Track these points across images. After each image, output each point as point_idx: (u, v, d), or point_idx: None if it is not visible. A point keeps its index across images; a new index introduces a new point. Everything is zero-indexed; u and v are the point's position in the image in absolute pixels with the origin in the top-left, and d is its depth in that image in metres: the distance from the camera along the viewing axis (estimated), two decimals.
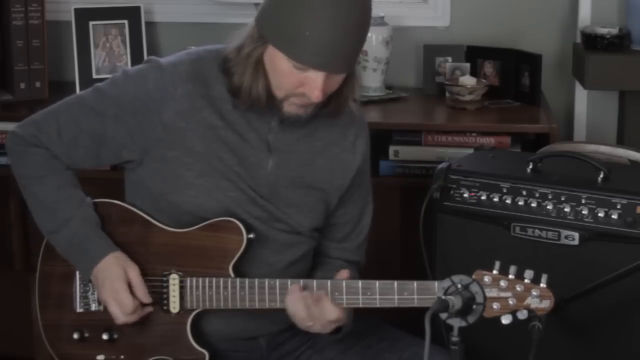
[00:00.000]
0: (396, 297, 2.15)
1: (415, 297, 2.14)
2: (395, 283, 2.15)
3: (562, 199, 2.53)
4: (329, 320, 2.17)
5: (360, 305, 2.18)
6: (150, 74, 2.25)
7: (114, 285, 2.25)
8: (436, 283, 2.12)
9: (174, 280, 2.27)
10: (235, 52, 2.22)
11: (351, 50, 2.16)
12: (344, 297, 2.17)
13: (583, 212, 2.50)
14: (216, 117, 2.25)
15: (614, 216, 2.47)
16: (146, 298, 2.26)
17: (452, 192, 2.64)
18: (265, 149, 2.28)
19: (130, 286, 2.26)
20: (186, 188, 2.25)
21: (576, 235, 2.49)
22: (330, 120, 2.32)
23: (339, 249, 2.41)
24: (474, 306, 2.02)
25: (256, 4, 2.76)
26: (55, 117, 2.31)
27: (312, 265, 2.40)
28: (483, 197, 2.61)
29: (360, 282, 2.17)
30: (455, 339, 1.98)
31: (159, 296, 2.28)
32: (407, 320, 2.25)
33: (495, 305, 2.04)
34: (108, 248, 2.28)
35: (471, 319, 2.01)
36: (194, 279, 2.25)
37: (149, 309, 2.28)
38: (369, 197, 2.44)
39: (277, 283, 2.21)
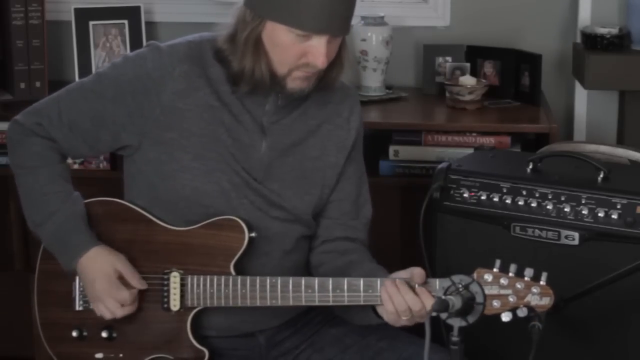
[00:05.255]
0: None
1: None
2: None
3: (562, 199, 2.53)
4: (427, 312, 2.11)
5: (362, 302, 2.18)
6: (149, 55, 2.29)
7: (105, 285, 2.26)
8: (438, 281, 2.13)
9: (174, 278, 2.27)
10: (228, 40, 2.25)
11: (347, 11, 2.21)
12: (345, 294, 2.18)
13: (583, 212, 2.49)
14: (213, 98, 2.27)
15: (614, 216, 2.47)
16: (142, 284, 2.27)
17: (452, 192, 2.64)
18: (259, 131, 2.30)
19: (122, 277, 2.27)
20: (182, 171, 2.26)
21: (576, 235, 2.49)
22: (323, 99, 2.34)
23: (342, 226, 2.39)
24: (474, 306, 2.02)
25: None
26: (56, 102, 2.34)
27: (321, 257, 2.38)
28: (483, 197, 2.61)
29: (362, 280, 2.17)
30: (455, 339, 1.99)
31: (160, 294, 2.29)
32: None
33: (496, 303, 2.05)
34: (90, 242, 2.28)
35: (471, 318, 2.01)
36: (195, 277, 2.26)
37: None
38: (363, 175, 2.45)
39: (279, 281, 2.21)
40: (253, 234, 2.25)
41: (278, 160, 2.31)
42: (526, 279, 2.05)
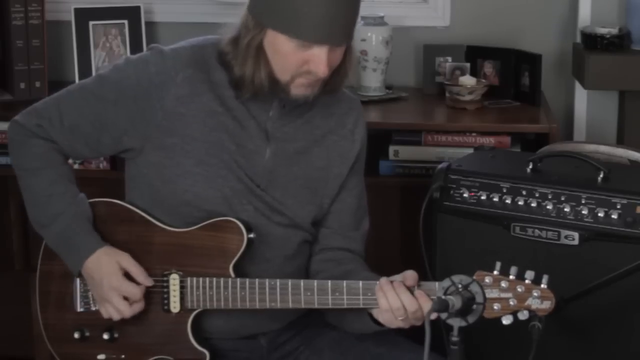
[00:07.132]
0: None
1: None
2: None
3: (562, 199, 2.53)
4: (425, 314, 2.10)
5: (361, 306, 2.18)
6: (151, 59, 2.27)
7: (113, 283, 2.25)
8: (437, 284, 2.12)
9: (174, 280, 2.27)
10: (231, 44, 2.24)
11: (348, 19, 2.19)
12: (345, 297, 2.17)
13: (583, 212, 2.49)
14: (216, 103, 2.26)
15: (614, 216, 2.47)
16: (148, 281, 2.26)
17: (452, 192, 2.64)
18: (264, 137, 2.29)
19: (129, 275, 2.26)
20: (184, 177, 2.26)
21: (576, 235, 2.49)
22: (328, 109, 2.34)
23: (341, 236, 2.39)
24: (474, 306, 2.02)
25: None
26: (56, 104, 2.32)
27: (319, 265, 2.38)
28: (483, 197, 2.61)
29: (360, 283, 2.17)
30: (455, 339, 1.98)
31: (160, 296, 2.29)
32: None
33: (496, 306, 2.04)
34: (96, 244, 2.28)
35: (471, 319, 2.01)
36: (194, 279, 2.25)
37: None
38: (363, 189, 2.45)
39: (278, 283, 2.21)
40: (252, 235, 2.24)
41: (283, 168, 2.31)
42: (527, 282, 2.04)
